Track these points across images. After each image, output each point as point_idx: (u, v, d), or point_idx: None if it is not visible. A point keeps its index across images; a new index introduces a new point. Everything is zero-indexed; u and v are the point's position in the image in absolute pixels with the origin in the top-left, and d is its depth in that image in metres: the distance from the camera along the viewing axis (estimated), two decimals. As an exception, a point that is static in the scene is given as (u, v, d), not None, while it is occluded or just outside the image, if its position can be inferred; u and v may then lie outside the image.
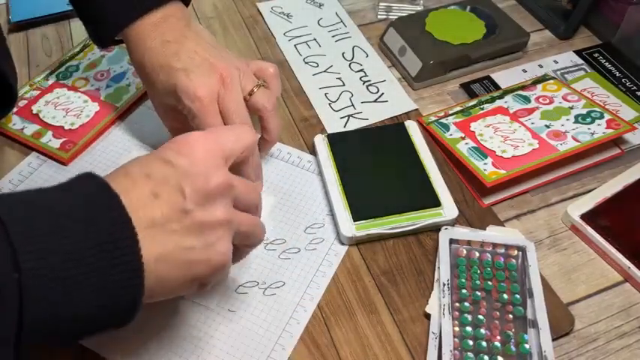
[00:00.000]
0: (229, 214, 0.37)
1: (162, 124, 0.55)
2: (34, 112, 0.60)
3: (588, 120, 0.60)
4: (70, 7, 0.75)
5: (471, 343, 0.44)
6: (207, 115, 0.48)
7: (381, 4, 0.77)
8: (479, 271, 0.48)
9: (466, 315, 0.46)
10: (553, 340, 0.45)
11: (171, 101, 0.50)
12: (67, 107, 0.61)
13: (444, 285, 0.47)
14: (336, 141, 0.58)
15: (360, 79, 0.68)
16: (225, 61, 0.49)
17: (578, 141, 0.57)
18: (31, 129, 0.59)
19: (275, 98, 0.52)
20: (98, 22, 0.53)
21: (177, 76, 0.48)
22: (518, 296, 0.47)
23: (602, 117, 0.60)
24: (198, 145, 0.37)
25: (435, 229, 0.52)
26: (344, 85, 0.67)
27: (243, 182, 0.39)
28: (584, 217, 0.53)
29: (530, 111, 0.61)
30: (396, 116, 0.64)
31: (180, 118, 0.51)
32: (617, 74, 0.69)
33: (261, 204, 0.43)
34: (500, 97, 0.64)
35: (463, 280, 0.48)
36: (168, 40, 0.49)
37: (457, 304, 0.46)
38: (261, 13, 0.77)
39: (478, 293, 0.47)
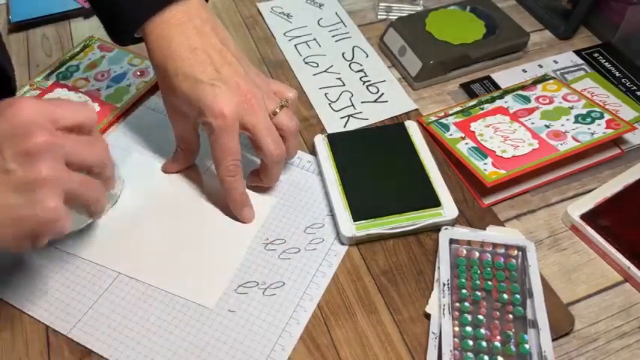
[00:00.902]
0: (55, 171, 0.37)
1: (162, 125, 0.55)
2: (34, 112, 0.60)
3: (588, 120, 0.60)
4: (70, 7, 0.75)
5: (470, 343, 0.44)
6: (228, 133, 0.47)
7: (381, 4, 0.77)
8: (479, 271, 0.48)
9: (466, 315, 0.46)
10: (553, 340, 0.45)
11: (187, 109, 0.49)
12: (67, 107, 0.61)
13: (444, 285, 0.47)
14: (336, 141, 0.58)
15: (360, 79, 0.68)
16: (248, 81, 0.49)
17: (578, 141, 0.57)
18: (31, 129, 0.59)
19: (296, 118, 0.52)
20: (115, 18, 0.50)
21: (203, 89, 0.47)
22: (518, 296, 0.47)
23: (602, 117, 0.60)
24: (22, 107, 0.37)
25: (435, 229, 0.52)
26: (344, 85, 0.67)
27: (74, 140, 0.39)
28: (584, 217, 0.53)
29: (530, 111, 0.61)
30: (396, 116, 0.64)
31: (188, 122, 0.51)
32: (617, 74, 0.69)
33: (111, 165, 0.43)
34: (500, 97, 0.64)
35: (463, 280, 0.48)
36: (196, 47, 0.48)
37: (457, 304, 0.46)
38: (261, 13, 0.77)
39: (478, 293, 0.47)
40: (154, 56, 0.49)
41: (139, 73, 0.65)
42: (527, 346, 0.44)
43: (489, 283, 0.48)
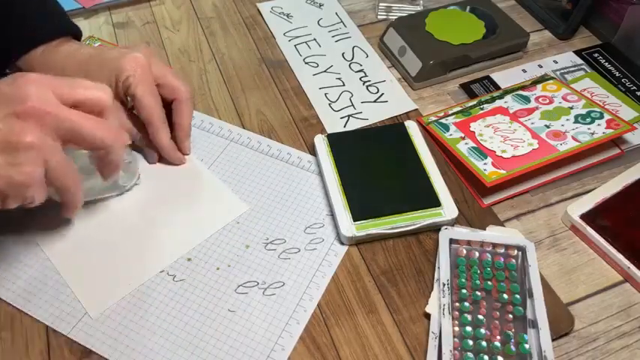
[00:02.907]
0: (39, 140, 0.38)
1: None
2: (34, 112, 0.60)
3: (588, 120, 0.60)
4: (70, 7, 0.74)
5: (470, 343, 0.44)
6: (149, 77, 0.51)
7: (381, 4, 0.77)
8: (479, 271, 0.48)
9: (466, 315, 0.46)
10: (553, 340, 0.45)
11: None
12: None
13: (444, 285, 0.47)
14: (336, 141, 0.58)
15: (360, 79, 0.68)
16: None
17: (578, 141, 0.57)
18: (31, 129, 0.59)
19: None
20: None
21: (114, 53, 0.52)
22: (518, 296, 0.47)
23: (601, 117, 0.60)
24: (31, 77, 0.39)
25: (435, 229, 0.52)
26: (344, 85, 0.67)
27: (74, 115, 0.40)
28: (584, 217, 0.53)
29: (530, 111, 0.61)
30: (396, 116, 0.64)
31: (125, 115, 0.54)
32: (617, 74, 0.69)
33: (118, 151, 0.43)
34: (500, 97, 0.64)
35: (463, 280, 0.48)
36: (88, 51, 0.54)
37: (457, 304, 0.46)
38: (261, 13, 0.77)
39: (478, 293, 0.47)
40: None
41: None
42: (527, 346, 0.44)
43: (489, 283, 0.48)
